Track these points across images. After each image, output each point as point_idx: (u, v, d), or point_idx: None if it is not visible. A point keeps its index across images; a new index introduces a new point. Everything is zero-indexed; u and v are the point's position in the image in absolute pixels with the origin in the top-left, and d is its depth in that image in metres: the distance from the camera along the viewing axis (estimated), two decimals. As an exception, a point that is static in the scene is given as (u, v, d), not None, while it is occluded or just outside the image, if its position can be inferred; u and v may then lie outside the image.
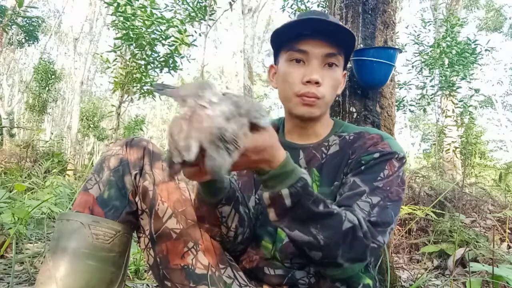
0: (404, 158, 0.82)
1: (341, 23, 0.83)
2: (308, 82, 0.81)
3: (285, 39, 0.85)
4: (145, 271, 1.74)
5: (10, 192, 2.47)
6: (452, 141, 7.09)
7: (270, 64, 0.95)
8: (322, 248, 0.69)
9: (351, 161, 0.82)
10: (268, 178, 0.66)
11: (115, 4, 4.31)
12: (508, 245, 2.40)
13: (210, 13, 5.27)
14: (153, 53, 4.82)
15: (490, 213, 2.83)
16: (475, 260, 1.94)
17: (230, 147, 0.54)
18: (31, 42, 11.25)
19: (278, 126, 0.97)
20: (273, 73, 0.93)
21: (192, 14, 5.27)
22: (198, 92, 0.59)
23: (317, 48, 0.82)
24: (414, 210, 2.49)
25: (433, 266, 2.18)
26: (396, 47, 1.68)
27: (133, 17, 4.36)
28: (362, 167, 0.79)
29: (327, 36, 0.82)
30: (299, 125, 0.90)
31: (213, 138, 0.53)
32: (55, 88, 12.62)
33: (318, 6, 5.36)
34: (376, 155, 0.79)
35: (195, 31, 5.47)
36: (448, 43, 5.89)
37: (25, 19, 10.13)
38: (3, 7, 8.18)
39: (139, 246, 0.87)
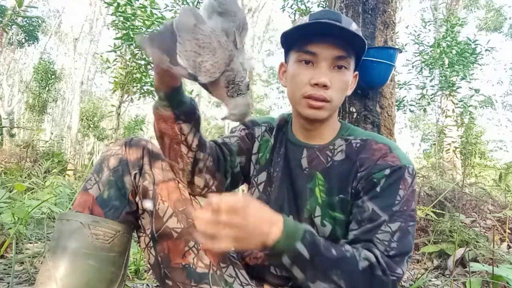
0: (414, 170, 0.80)
1: (352, 28, 0.81)
2: (316, 84, 0.80)
3: (295, 39, 0.84)
4: (145, 271, 1.74)
5: (10, 192, 2.47)
6: (452, 141, 7.10)
7: (280, 62, 0.94)
8: None
9: (361, 176, 0.80)
10: (281, 247, 0.67)
11: (115, 4, 4.31)
12: (508, 245, 2.40)
13: (210, 13, 5.26)
14: (153, 53, 4.81)
15: (490, 213, 2.83)
16: (475, 260, 1.94)
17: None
18: (31, 42, 11.26)
19: (287, 120, 0.97)
20: (283, 71, 0.92)
21: (192, 14, 5.26)
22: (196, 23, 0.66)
23: (326, 50, 0.80)
24: (414, 210, 2.48)
25: (433, 266, 2.18)
26: (396, 47, 1.68)
27: (133, 17, 4.36)
28: (377, 189, 0.77)
29: (338, 39, 0.80)
30: (304, 126, 0.89)
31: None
32: (55, 88, 12.62)
33: (318, 6, 5.35)
34: (387, 171, 0.77)
35: (195, 31, 5.46)
36: (448, 43, 5.89)
37: (25, 19, 10.13)
38: (3, 7, 8.17)
39: (139, 246, 0.87)
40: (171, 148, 0.80)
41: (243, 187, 1.00)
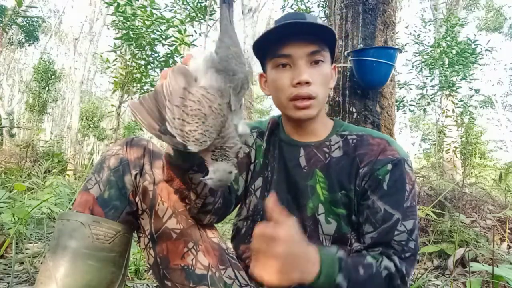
0: (410, 160, 0.82)
1: (318, 22, 0.82)
2: (298, 83, 0.80)
3: (266, 47, 0.84)
4: (145, 271, 1.74)
5: (10, 192, 2.47)
6: (452, 141, 7.10)
7: (259, 73, 0.94)
8: None
9: (363, 173, 0.80)
10: (323, 281, 0.66)
11: (115, 4, 4.31)
12: (508, 245, 2.39)
13: (210, 13, 5.27)
14: (153, 53, 4.83)
15: (490, 213, 2.83)
16: (475, 260, 1.94)
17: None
18: (31, 42, 11.25)
19: (278, 122, 0.96)
20: (264, 81, 0.92)
21: (192, 14, 5.27)
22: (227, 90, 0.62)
23: (299, 49, 0.81)
24: (414, 210, 2.48)
25: (433, 266, 2.18)
26: (396, 47, 1.68)
27: (133, 17, 4.37)
28: (384, 186, 0.78)
29: (307, 36, 0.81)
30: (296, 126, 0.89)
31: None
32: (55, 88, 12.63)
33: (318, 6, 5.37)
34: (389, 166, 0.78)
35: (195, 31, 5.47)
36: (448, 43, 5.90)
37: (25, 19, 10.14)
38: (3, 7, 8.17)
39: (139, 246, 0.87)
40: (179, 192, 0.78)
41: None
